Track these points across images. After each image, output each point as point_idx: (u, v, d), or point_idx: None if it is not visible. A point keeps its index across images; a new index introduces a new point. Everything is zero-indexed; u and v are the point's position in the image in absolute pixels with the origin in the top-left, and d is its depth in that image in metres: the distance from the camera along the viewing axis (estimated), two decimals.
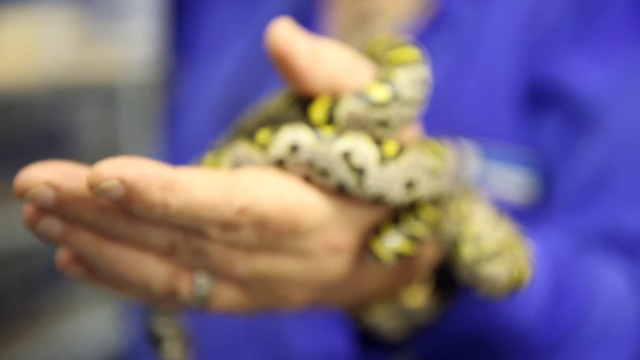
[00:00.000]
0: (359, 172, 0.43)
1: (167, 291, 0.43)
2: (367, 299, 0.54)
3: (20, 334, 1.71)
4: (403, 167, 0.44)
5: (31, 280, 1.79)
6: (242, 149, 0.44)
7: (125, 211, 0.38)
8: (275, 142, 0.43)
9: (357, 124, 0.44)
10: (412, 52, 0.46)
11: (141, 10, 1.69)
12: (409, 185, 0.44)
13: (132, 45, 1.73)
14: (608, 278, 0.63)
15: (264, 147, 0.43)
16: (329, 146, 0.42)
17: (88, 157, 1.89)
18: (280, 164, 0.43)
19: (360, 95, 0.44)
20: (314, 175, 0.43)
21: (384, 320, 0.56)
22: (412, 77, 0.45)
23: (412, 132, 0.48)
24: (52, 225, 0.39)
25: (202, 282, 0.44)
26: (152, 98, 1.89)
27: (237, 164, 0.44)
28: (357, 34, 0.83)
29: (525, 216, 0.71)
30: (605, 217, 0.69)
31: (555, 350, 0.60)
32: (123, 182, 0.35)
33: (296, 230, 0.43)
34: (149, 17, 1.61)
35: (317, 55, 0.43)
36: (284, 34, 0.43)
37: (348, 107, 0.44)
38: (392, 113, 0.45)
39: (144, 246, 0.42)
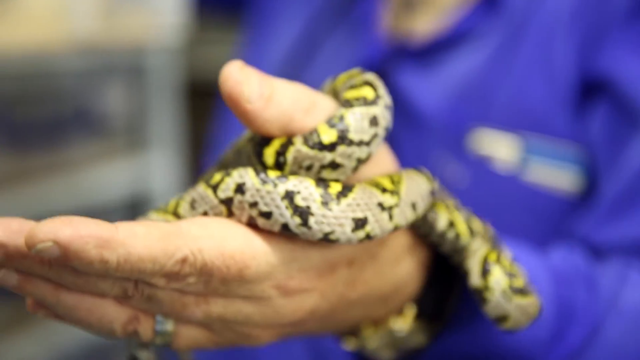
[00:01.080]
0: (303, 213, 0.43)
1: (129, 331, 0.45)
2: (349, 328, 0.55)
3: (21, 324, 1.70)
4: (347, 206, 0.44)
5: None
6: (199, 188, 0.46)
7: (68, 266, 0.39)
8: (225, 183, 0.44)
9: (306, 167, 0.45)
10: (367, 90, 0.46)
11: None
12: (359, 223, 0.44)
13: (159, 10, 1.71)
14: (629, 292, 0.61)
15: (215, 187, 0.45)
16: (272, 187, 0.43)
17: (116, 123, 1.86)
18: (227, 205, 0.44)
19: (308, 138, 0.45)
20: (258, 217, 0.44)
21: (373, 343, 0.56)
22: (361, 117, 0.45)
23: (377, 169, 0.48)
24: (9, 276, 0.41)
25: (162, 323, 0.46)
26: (180, 62, 1.86)
27: (192, 204, 0.46)
28: (406, 19, 0.83)
29: (570, 206, 0.71)
30: None
31: None
32: (57, 242, 0.36)
33: (243, 278, 0.43)
34: None
35: (268, 97, 0.43)
36: (234, 75, 0.43)
37: (295, 150, 0.45)
38: (340, 155, 0.45)
39: (97, 294, 0.43)
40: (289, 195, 0.43)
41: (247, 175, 0.44)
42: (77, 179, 1.73)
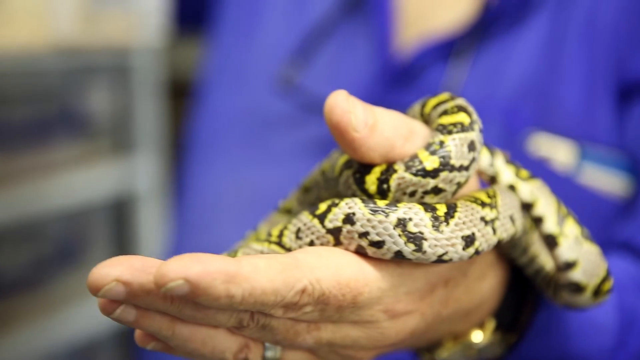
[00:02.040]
0: (417, 239, 0.44)
1: (239, 359, 0.46)
2: (434, 343, 0.56)
3: (28, 311, 1.70)
4: (455, 226, 0.45)
5: (40, 258, 1.77)
6: (304, 218, 0.46)
7: (192, 301, 0.40)
8: (333, 214, 0.45)
9: (409, 193, 0.46)
10: (462, 116, 0.47)
11: None
12: (468, 240, 0.45)
13: (141, 11, 1.71)
14: None
15: (322, 217, 0.45)
16: (384, 217, 0.44)
17: (99, 124, 1.86)
18: (335, 234, 0.45)
19: (410, 165, 0.45)
20: (368, 247, 0.44)
21: (450, 356, 0.57)
22: (461, 143, 0.46)
23: (467, 189, 0.49)
24: (127, 313, 0.41)
25: (271, 349, 0.47)
26: (163, 65, 1.86)
27: (298, 234, 0.46)
28: (429, 8, 0.82)
29: (620, 208, 0.73)
30: None
31: None
32: (188, 280, 0.37)
33: (357, 304, 0.44)
34: None
35: (372, 126, 0.45)
36: (341, 105, 0.44)
37: (398, 177, 0.45)
38: (443, 180, 0.46)
39: (213, 325, 0.44)
40: (402, 223, 0.44)
41: (356, 206, 0.44)
42: (61, 180, 1.73)
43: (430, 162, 0.46)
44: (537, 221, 0.52)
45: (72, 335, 1.76)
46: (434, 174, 0.46)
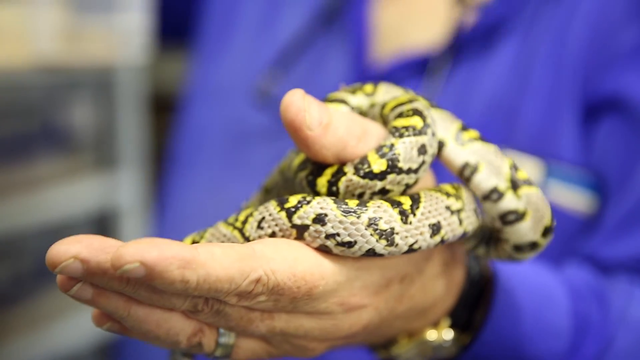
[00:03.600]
0: (389, 235, 0.45)
1: (193, 344, 0.47)
2: (388, 340, 0.58)
3: (9, 327, 1.69)
4: (422, 215, 0.46)
5: (21, 274, 1.76)
6: (272, 209, 0.46)
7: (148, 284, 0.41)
8: (303, 211, 0.45)
9: (358, 195, 0.47)
10: (416, 120, 0.48)
11: (133, 2, 1.69)
12: (435, 228, 0.47)
13: (123, 29, 1.72)
14: (636, 308, 0.65)
15: (290, 212, 0.45)
16: (356, 218, 0.44)
17: (82, 140, 1.86)
18: (300, 230, 0.45)
19: (359, 167, 0.46)
20: (335, 246, 0.45)
21: (406, 353, 0.58)
22: (411, 147, 0.47)
23: (422, 187, 0.50)
24: (84, 291, 0.43)
25: (225, 335, 0.48)
26: (146, 82, 1.87)
27: (261, 223, 0.47)
28: (406, 27, 0.83)
29: (585, 224, 0.74)
30: None
31: None
32: (144, 264, 0.39)
33: (311, 296, 0.45)
34: (140, 6, 1.61)
35: (326, 125, 0.46)
36: (296, 103, 0.45)
37: (346, 180, 0.46)
38: (390, 182, 0.47)
39: (168, 308, 0.45)
40: (373, 223, 0.45)
41: (328, 207, 0.45)
42: (44, 196, 1.73)
43: (378, 165, 0.46)
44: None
45: (53, 351, 1.75)
46: (381, 176, 0.47)
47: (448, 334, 0.58)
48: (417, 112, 0.49)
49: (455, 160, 0.51)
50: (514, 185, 0.51)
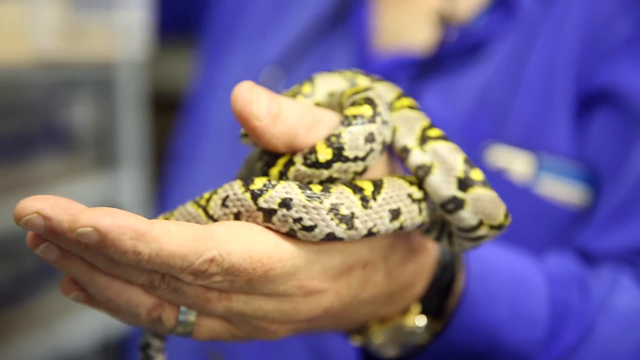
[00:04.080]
0: (349, 219, 0.46)
1: (153, 318, 0.48)
2: (357, 325, 0.58)
3: (10, 328, 1.69)
4: (382, 200, 0.47)
5: (22, 274, 1.76)
6: (236, 188, 0.47)
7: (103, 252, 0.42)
8: (269, 195, 0.46)
9: (307, 182, 0.48)
10: (365, 108, 0.49)
11: None
12: (394, 213, 0.47)
13: (123, 26, 1.72)
14: (621, 297, 0.64)
15: (255, 194, 0.46)
16: (319, 203, 0.46)
17: (83, 138, 1.86)
18: (268, 214, 0.46)
19: (307, 157, 0.47)
20: (299, 230, 0.46)
21: (379, 339, 0.58)
22: (357, 135, 0.48)
23: (375, 174, 0.51)
24: (50, 250, 0.44)
25: (185, 313, 0.49)
26: (146, 80, 1.86)
27: (225, 202, 0.47)
28: (406, 28, 0.85)
29: (578, 217, 0.74)
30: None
31: None
32: (97, 229, 0.40)
33: (268, 278, 0.45)
34: (140, 3, 1.61)
35: (275, 115, 0.46)
36: (244, 95, 0.46)
37: (295, 170, 0.47)
38: (337, 171, 0.48)
39: (126, 280, 0.46)
40: (334, 208, 0.46)
41: (293, 192, 0.46)
42: (44, 194, 1.72)
43: (324, 154, 0.47)
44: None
45: (56, 351, 1.75)
46: (327, 165, 0.47)
47: (420, 320, 0.58)
48: (368, 101, 0.49)
49: (412, 164, 0.52)
50: (464, 186, 0.50)
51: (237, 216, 0.47)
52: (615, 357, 0.63)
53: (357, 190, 0.47)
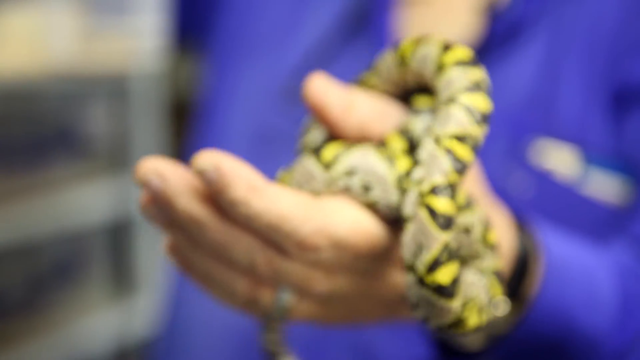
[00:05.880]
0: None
1: (250, 299, 0.47)
2: None
3: (25, 331, 1.70)
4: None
5: (37, 277, 1.77)
6: (311, 165, 0.47)
7: (215, 208, 0.44)
8: (339, 164, 0.46)
9: None
10: (429, 100, 0.49)
11: (148, 4, 1.69)
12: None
13: (139, 35, 1.73)
14: None
15: (328, 165, 0.47)
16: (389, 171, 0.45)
17: (98, 145, 1.87)
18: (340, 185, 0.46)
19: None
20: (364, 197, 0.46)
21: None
22: (425, 127, 0.47)
23: None
24: (159, 215, 0.45)
25: (283, 295, 0.48)
26: (161, 88, 1.88)
27: (304, 177, 0.47)
28: (428, 26, 0.83)
29: (622, 214, 0.73)
30: None
31: (626, 355, 0.62)
32: (217, 169, 0.41)
33: (372, 253, 0.46)
34: (155, 11, 1.62)
35: (348, 106, 0.47)
36: (319, 87, 0.47)
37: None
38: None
39: (229, 263, 0.46)
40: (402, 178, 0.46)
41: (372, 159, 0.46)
42: (59, 200, 1.74)
43: (401, 145, 0.48)
44: None
45: (70, 355, 1.76)
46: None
47: (505, 305, 0.56)
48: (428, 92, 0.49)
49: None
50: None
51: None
52: None
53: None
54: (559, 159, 0.76)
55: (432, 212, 0.42)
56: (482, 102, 0.45)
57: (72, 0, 1.64)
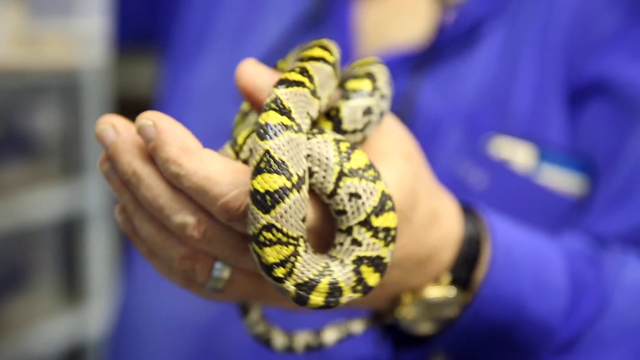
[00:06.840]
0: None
1: (186, 267, 0.49)
2: (390, 298, 0.58)
3: None
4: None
5: None
6: (228, 151, 0.48)
7: (155, 167, 0.46)
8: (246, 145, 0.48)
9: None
10: (365, 83, 0.51)
11: (93, 7, 1.68)
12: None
13: (82, 33, 1.71)
14: (630, 273, 0.66)
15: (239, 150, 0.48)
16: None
17: (47, 145, 1.85)
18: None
19: (309, 132, 0.48)
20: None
21: (411, 314, 0.59)
22: (355, 110, 0.50)
23: (385, 138, 0.52)
24: (112, 173, 0.48)
25: (220, 269, 0.49)
26: (109, 83, 1.86)
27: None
28: (390, 25, 0.84)
29: (576, 206, 0.75)
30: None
31: (576, 342, 0.63)
32: (156, 125, 0.44)
33: None
34: (100, 13, 1.60)
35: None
36: (249, 71, 0.49)
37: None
38: None
39: (165, 227, 0.48)
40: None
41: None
42: (8, 202, 1.72)
43: (324, 127, 0.49)
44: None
45: (22, 358, 1.74)
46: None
47: (451, 291, 0.58)
48: (369, 75, 0.51)
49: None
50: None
51: None
52: (631, 330, 0.64)
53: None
54: (515, 155, 0.77)
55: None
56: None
57: (14, 2, 1.62)
